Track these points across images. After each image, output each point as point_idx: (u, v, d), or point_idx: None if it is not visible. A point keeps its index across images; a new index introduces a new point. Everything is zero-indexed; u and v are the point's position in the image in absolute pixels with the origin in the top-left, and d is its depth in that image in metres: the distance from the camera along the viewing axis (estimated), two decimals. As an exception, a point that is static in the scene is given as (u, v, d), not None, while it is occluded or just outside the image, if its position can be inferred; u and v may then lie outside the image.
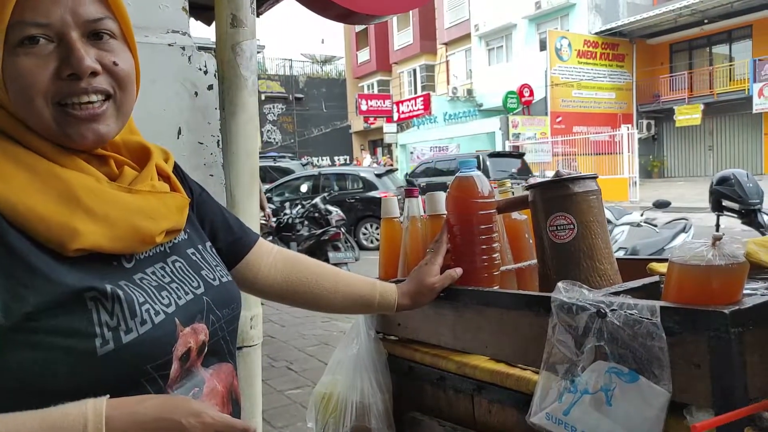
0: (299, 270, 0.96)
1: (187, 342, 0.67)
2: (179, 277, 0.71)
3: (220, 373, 0.74)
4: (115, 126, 0.68)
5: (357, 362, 1.14)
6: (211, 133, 1.59)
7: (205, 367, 0.71)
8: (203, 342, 0.70)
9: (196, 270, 0.74)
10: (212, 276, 0.76)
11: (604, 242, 0.95)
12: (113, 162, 0.69)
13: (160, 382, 0.63)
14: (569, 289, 0.79)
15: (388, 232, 1.26)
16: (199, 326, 0.69)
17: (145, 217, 0.66)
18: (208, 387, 0.70)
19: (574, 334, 0.76)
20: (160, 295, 0.66)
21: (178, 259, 0.73)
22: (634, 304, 0.70)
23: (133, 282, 0.65)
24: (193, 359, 0.69)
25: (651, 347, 0.68)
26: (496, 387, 0.93)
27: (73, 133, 0.64)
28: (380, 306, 0.99)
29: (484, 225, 1.06)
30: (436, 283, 0.99)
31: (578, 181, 0.95)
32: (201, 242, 0.80)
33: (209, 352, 0.71)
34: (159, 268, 0.70)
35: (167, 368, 0.64)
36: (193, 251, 0.77)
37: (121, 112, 0.69)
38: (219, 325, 0.73)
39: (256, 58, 1.83)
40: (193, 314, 0.69)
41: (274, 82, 31.03)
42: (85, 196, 0.62)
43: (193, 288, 0.71)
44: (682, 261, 0.70)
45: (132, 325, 0.61)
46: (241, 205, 1.80)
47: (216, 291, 0.75)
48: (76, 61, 0.63)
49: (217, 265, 0.79)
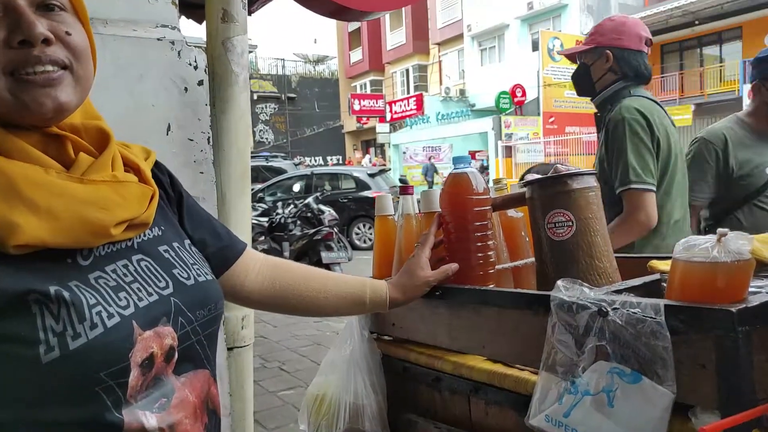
0: (286, 274, 0.93)
1: (148, 347, 0.62)
2: (144, 276, 0.66)
3: (194, 382, 0.69)
4: (74, 97, 0.64)
5: (350, 363, 1.11)
6: (201, 130, 1.55)
7: (177, 374, 0.66)
8: (171, 347, 0.65)
9: (166, 269, 0.69)
10: (186, 275, 0.71)
11: (603, 239, 0.93)
12: (71, 145, 0.65)
13: (117, 392, 0.59)
14: (569, 288, 0.77)
15: (383, 230, 1.23)
16: (164, 330, 0.64)
17: (96, 208, 0.61)
18: (177, 397, 0.65)
19: (575, 333, 0.74)
20: (117, 296, 0.62)
21: (145, 257, 0.68)
22: (637, 302, 0.68)
23: (86, 282, 0.60)
24: (160, 366, 0.64)
25: (655, 347, 0.66)
26: (493, 388, 0.90)
27: (31, 101, 0.60)
28: (372, 303, 0.96)
29: (478, 222, 1.03)
30: (430, 277, 0.97)
31: (577, 178, 0.93)
32: (178, 240, 0.76)
33: (182, 358, 0.67)
34: (121, 266, 0.65)
35: (125, 376, 0.59)
36: (166, 249, 0.72)
37: (80, 85, 0.64)
38: (192, 328, 0.68)
39: (248, 55, 1.80)
40: (157, 317, 0.64)
41: (267, 82, 30.92)
42: (27, 188, 0.58)
43: (158, 288, 0.67)
44: (687, 258, 0.68)
45: (80, 329, 0.56)
46: (232, 203, 1.77)
47: (189, 291, 0.70)
48: (27, 26, 0.59)
49: (194, 263, 0.74)
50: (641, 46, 1.81)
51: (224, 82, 1.74)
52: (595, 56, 1.84)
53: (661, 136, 1.70)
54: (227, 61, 1.74)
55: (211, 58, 1.77)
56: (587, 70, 1.88)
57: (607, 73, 1.83)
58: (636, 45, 1.80)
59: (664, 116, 1.76)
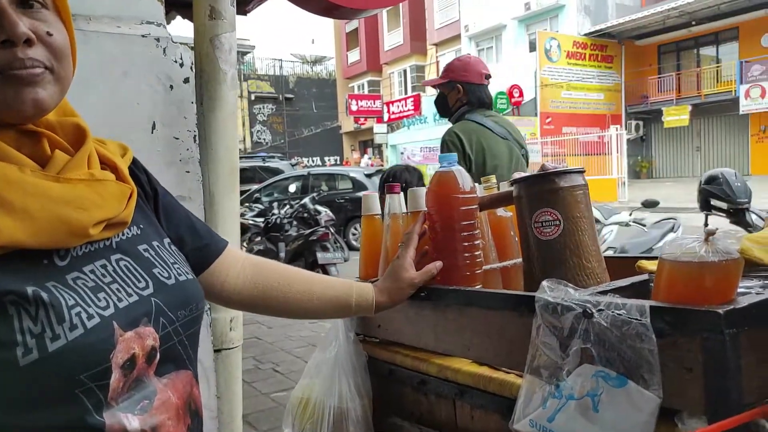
0: (269, 275, 0.90)
1: (129, 348, 0.61)
2: (123, 276, 0.65)
3: (177, 383, 0.68)
4: (55, 95, 0.62)
5: (335, 365, 1.09)
6: (188, 128, 1.53)
7: (159, 376, 0.65)
8: (152, 348, 0.64)
9: (146, 268, 0.68)
10: (167, 274, 0.70)
11: (592, 239, 0.91)
12: (46, 142, 0.63)
13: (98, 394, 0.57)
14: (554, 288, 0.74)
15: (369, 230, 1.21)
16: (145, 330, 0.63)
17: (73, 207, 0.60)
18: (159, 399, 0.64)
19: (559, 335, 0.72)
20: (97, 296, 0.60)
21: (123, 257, 0.67)
22: (623, 303, 0.66)
23: (64, 283, 0.59)
24: (142, 367, 0.62)
25: (640, 350, 0.63)
26: (478, 391, 0.88)
27: (12, 99, 0.58)
28: (358, 307, 0.94)
29: (465, 221, 1.01)
30: (414, 278, 0.95)
31: (565, 176, 0.91)
32: (158, 238, 0.74)
33: (164, 359, 0.65)
34: (100, 266, 0.63)
35: (106, 377, 0.58)
36: (146, 248, 0.71)
37: (59, 84, 0.63)
38: (173, 328, 0.67)
39: (236, 52, 1.77)
40: (137, 317, 0.63)
41: (264, 83, 30.91)
42: (1, 187, 0.56)
43: (138, 289, 0.65)
44: (674, 258, 0.65)
45: (60, 331, 0.55)
46: (220, 203, 1.74)
47: (170, 291, 0.69)
48: (9, 25, 0.57)
49: (175, 262, 0.73)
50: (482, 80, 2.44)
51: (212, 80, 1.72)
52: (450, 88, 2.45)
53: (473, 151, 2.26)
54: (215, 58, 1.71)
55: (199, 56, 1.74)
56: (445, 98, 2.50)
57: (458, 101, 2.45)
58: (478, 80, 2.43)
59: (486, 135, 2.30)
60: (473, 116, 2.37)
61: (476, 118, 2.37)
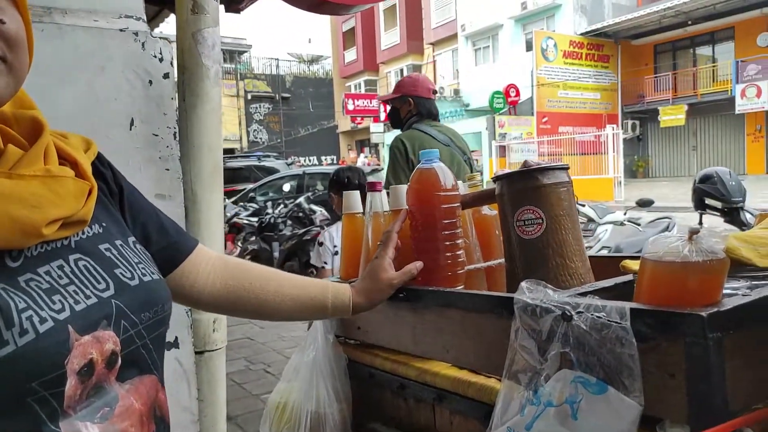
0: (241, 275, 0.87)
1: (86, 353, 0.57)
2: (82, 277, 0.62)
3: (140, 388, 0.64)
4: (8, 88, 0.59)
5: (313, 369, 1.05)
6: (167, 125, 1.49)
7: (121, 381, 0.62)
8: (113, 352, 0.61)
9: (108, 268, 0.65)
10: (129, 275, 0.66)
11: (575, 238, 0.88)
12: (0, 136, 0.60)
13: (53, 402, 0.54)
14: (533, 289, 0.71)
15: (350, 228, 1.18)
16: (104, 334, 0.60)
17: (25, 205, 0.57)
18: (121, 406, 0.61)
19: (538, 339, 0.68)
20: (51, 299, 0.57)
21: (83, 257, 0.63)
22: (602, 305, 0.62)
23: (14, 285, 0.55)
24: (101, 373, 0.59)
25: (620, 354, 0.60)
26: (457, 396, 0.85)
27: None
28: (335, 308, 0.90)
29: (447, 220, 0.98)
30: (393, 279, 0.91)
31: (548, 172, 0.88)
32: (122, 237, 0.71)
33: (126, 364, 0.62)
34: (56, 267, 0.60)
35: (60, 385, 0.55)
36: (108, 247, 0.67)
37: (13, 75, 0.60)
38: (136, 331, 0.64)
39: (220, 48, 1.74)
40: (96, 320, 0.60)
41: (261, 82, 30.83)
42: None
43: (98, 290, 0.62)
44: (656, 257, 0.62)
45: (8, 336, 0.52)
46: (203, 202, 1.70)
47: (133, 292, 0.65)
48: None
49: (139, 262, 0.69)
50: (430, 95, 2.78)
51: (195, 76, 1.68)
52: (402, 102, 2.77)
53: (415, 156, 2.48)
54: (197, 54, 1.68)
55: (181, 51, 1.71)
56: (397, 111, 2.81)
57: (408, 113, 2.75)
58: (426, 94, 2.76)
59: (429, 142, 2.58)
60: (420, 126, 2.69)
61: (422, 128, 2.68)
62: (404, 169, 2.51)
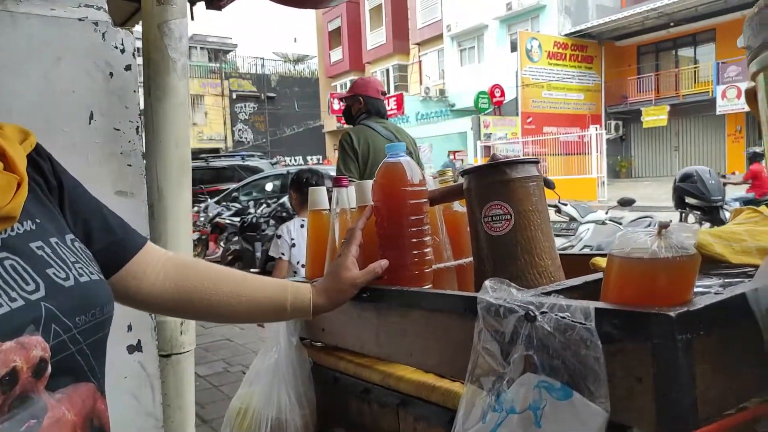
0: (193, 275, 0.82)
1: (8, 360, 0.52)
2: (7, 278, 0.57)
3: (74, 398, 0.59)
4: None
5: (275, 373, 1.00)
6: (129, 119, 1.43)
7: (51, 390, 0.57)
8: (41, 359, 0.55)
9: (39, 269, 0.60)
10: (64, 275, 0.61)
11: (545, 235, 0.84)
12: None
13: None
14: (497, 288, 0.67)
15: (316, 226, 1.13)
16: (30, 339, 0.55)
17: None
18: (51, 417, 0.56)
19: (501, 341, 0.64)
20: None
21: (10, 256, 0.58)
22: (567, 305, 0.58)
23: None
24: (27, 382, 0.54)
25: (585, 357, 0.56)
26: (421, 401, 0.80)
27: None
28: (294, 310, 0.85)
29: (413, 216, 0.93)
30: (356, 278, 0.87)
31: (516, 166, 0.84)
32: (58, 234, 0.65)
33: (58, 371, 0.57)
34: None
35: None
36: (40, 245, 0.62)
37: None
38: (70, 336, 0.59)
39: (187, 40, 1.68)
40: (21, 325, 0.54)
41: (246, 81, 30.62)
42: None
43: (25, 292, 0.57)
44: (623, 254, 0.58)
45: None
46: (169, 200, 1.64)
47: (67, 294, 0.60)
48: None
49: (77, 261, 0.64)
50: (378, 95, 3.14)
51: (160, 69, 1.62)
52: (354, 100, 3.14)
53: (360, 147, 2.88)
54: (163, 46, 1.62)
55: (146, 43, 1.65)
56: (350, 109, 3.18)
57: (359, 110, 3.11)
58: (375, 95, 3.12)
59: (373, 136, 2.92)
60: (367, 122, 3.03)
61: (369, 123, 3.02)
62: (352, 158, 2.88)
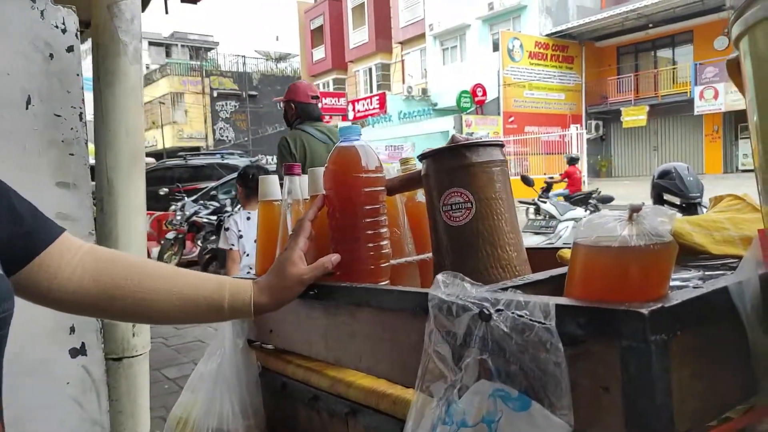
0: (116, 269, 0.72)
1: None
2: None
3: None
4: None
5: (217, 379, 0.91)
6: (72, 104, 1.32)
7: None
8: None
9: None
10: None
11: (510, 225, 0.76)
12: None
13: None
14: (449, 283, 0.59)
15: (267, 218, 1.04)
16: None
17: None
18: None
19: (453, 343, 0.56)
20: None
21: None
22: (525, 302, 0.50)
23: None
24: None
25: (545, 362, 0.48)
26: (371, 410, 0.72)
27: None
28: (232, 308, 0.76)
29: (369, 206, 0.85)
30: (303, 274, 0.78)
31: (477, 149, 0.76)
32: None
33: None
34: None
35: None
36: None
37: None
38: None
39: (140, 22, 1.57)
40: None
41: (227, 79, 30.29)
42: None
43: None
44: (589, 242, 0.50)
45: None
46: (120, 192, 1.54)
47: None
48: None
49: None
50: (309, 100, 3.36)
51: (110, 53, 1.52)
52: (287, 105, 3.40)
53: (297, 152, 3.13)
54: (113, 28, 1.51)
55: (95, 26, 1.54)
56: (286, 113, 3.44)
57: (293, 115, 3.38)
58: (305, 99, 3.36)
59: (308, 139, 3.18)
60: (302, 126, 3.28)
61: (303, 127, 3.26)
62: (288, 160, 3.10)
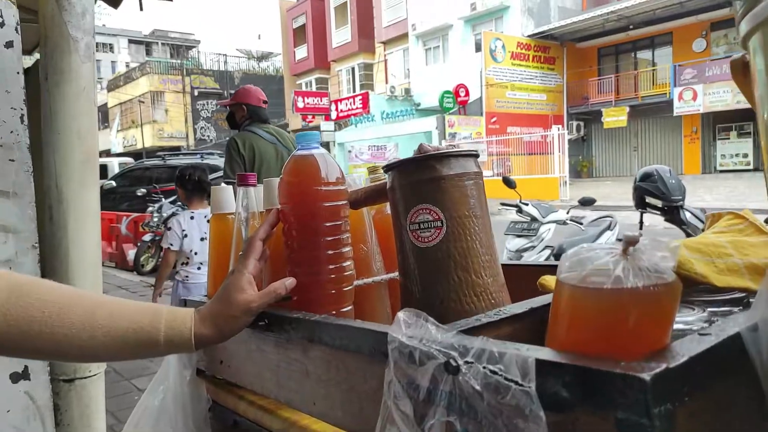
0: (29, 300, 0.62)
1: None
2: None
3: None
4: None
5: (160, 415, 0.81)
6: (11, 105, 1.21)
7: None
8: None
9: None
10: None
11: (486, 246, 0.67)
12: None
13: None
14: (411, 324, 0.50)
15: (218, 232, 0.94)
16: None
17: None
18: None
19: (415, 398, 0.47)
20: None
21: None
22: (499, 353, 0.41)
23: None
24: None
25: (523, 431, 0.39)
26: (327, 462, 0.63)
27: None
28: (170, 342, 0.66)
29: (329, 222, 0.76)
30: (252, 302, 0.68)
31: (449, 160, 0.67)
32: None
33: None
34: None
35: None
36: None
37: None
38: None
39: (93, 17, 1.46)
40: None
41: (208, 78, 29.95)
42: None
43: None
44: (576, 280, 0.42)
45: None
46: (71, 201, 1.42)
47: None
48: None
49: None
50: (260, 103, 3.42)
51: (58, 50, 1.40)
52: (237, 107, 3.43)
53: (246, 152, 3.15)
54: (62, 22, 1.39)
55: (43, 20, 1.42)
56: (233, 115, 3.47)
57: (242, 117, 3.40)
58: (257, 102, 3.40)
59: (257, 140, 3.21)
60: (251, 128, 3.31)
61: (252, 129, 3.30)
62: (239, 163, 3.11)
